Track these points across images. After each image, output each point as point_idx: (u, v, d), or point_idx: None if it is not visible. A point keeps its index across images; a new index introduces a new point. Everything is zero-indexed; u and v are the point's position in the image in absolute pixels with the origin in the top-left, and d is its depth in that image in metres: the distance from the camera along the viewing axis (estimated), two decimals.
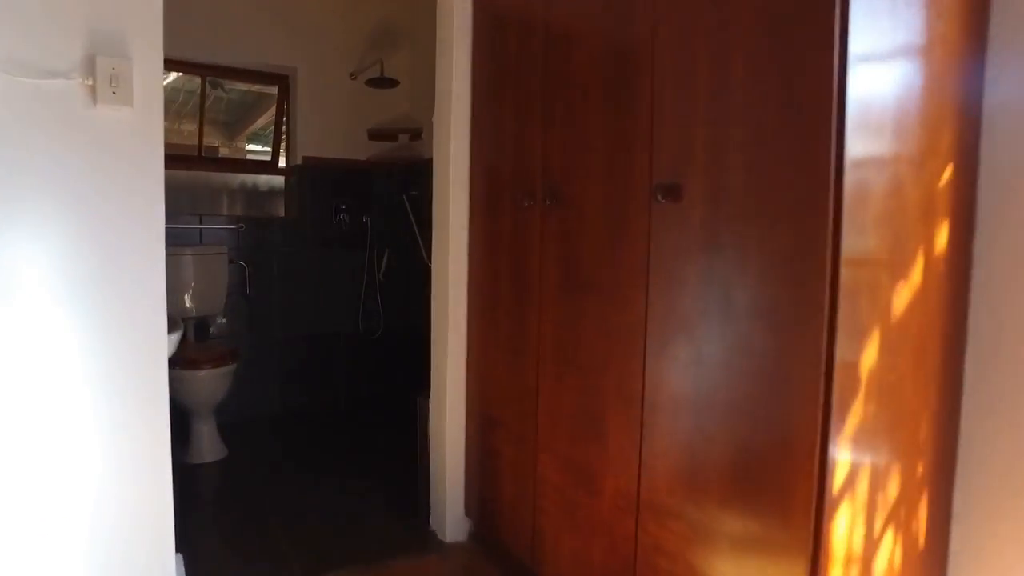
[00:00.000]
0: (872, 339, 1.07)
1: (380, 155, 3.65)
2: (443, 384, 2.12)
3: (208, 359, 2.79)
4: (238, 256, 3.34)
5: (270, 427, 3.34)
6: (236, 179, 3.73)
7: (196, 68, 3.30)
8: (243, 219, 3.44)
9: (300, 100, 3.46)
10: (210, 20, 3.12)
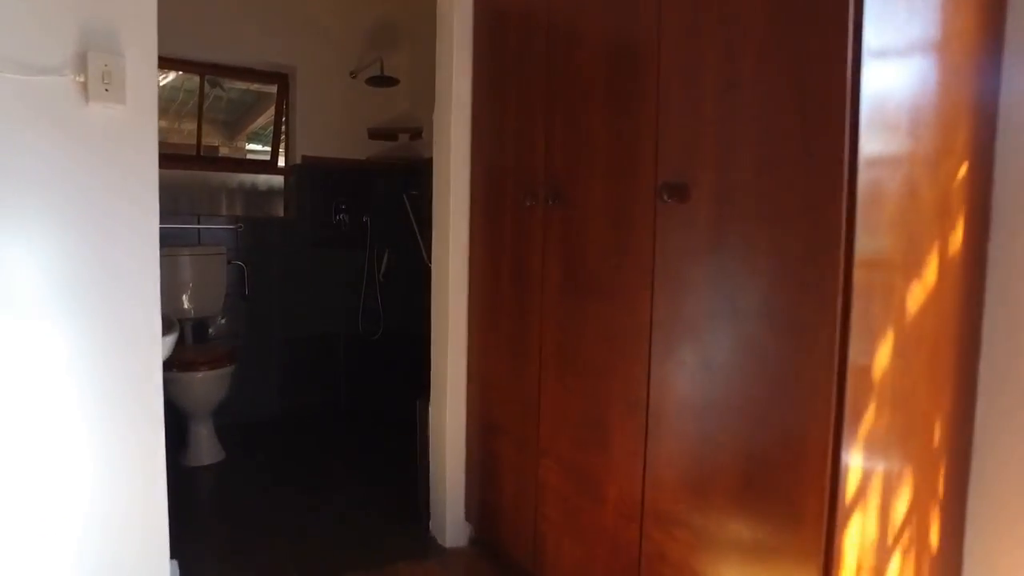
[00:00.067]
0: (886, 342, 1.04)
1: (380, 154, 3.63)
2: (443, 387, 2.09)
3: (206, 360, 2.76)
4: (237, 256, 3.32)
5: (268, 429, 3.31)
6: (235, 179, 3.71)
7: (195, 67, 3.27)
8: (242, 219, 3.41)
9: (300, 99, 3.44)
10: (209, 18, 3.10)
